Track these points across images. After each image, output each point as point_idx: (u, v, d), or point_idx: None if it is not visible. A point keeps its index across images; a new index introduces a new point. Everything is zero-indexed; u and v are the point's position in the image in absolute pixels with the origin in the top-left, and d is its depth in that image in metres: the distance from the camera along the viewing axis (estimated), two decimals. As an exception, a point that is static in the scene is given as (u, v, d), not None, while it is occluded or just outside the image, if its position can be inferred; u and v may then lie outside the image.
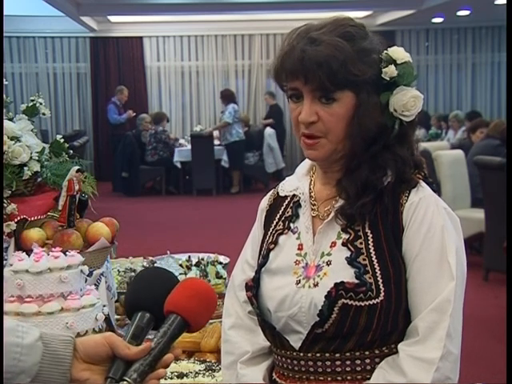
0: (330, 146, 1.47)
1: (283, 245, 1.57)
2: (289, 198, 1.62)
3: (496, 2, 10.99)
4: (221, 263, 2.85)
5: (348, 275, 1.44)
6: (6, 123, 2.27)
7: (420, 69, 14.82)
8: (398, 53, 1.48)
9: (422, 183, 1.50)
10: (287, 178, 1.67)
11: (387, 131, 1.48)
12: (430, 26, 14.43)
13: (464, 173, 7.06)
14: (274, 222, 1.62)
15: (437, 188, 1.56)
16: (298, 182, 1.61)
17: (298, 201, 1.59)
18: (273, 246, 1.58)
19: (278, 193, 1.66)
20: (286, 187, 1.64)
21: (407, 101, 1.46)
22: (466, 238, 1.52)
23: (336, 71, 1.40)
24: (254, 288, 1.54)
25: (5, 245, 2.14)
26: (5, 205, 2.15)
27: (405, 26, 14.07)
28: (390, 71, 1.46)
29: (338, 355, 1.46)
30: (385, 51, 1.48)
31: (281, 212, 1.62)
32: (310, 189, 1.58)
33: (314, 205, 1.56)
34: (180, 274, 2.77)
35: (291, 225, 1.58)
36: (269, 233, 1.62)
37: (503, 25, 12.27)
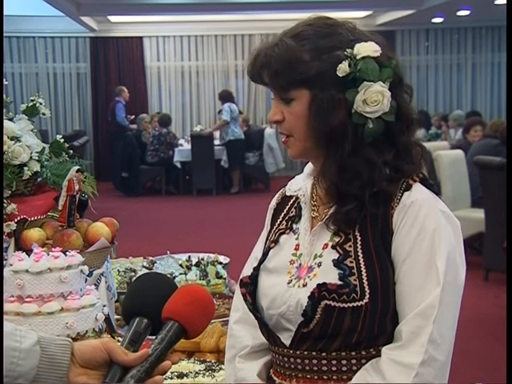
0: (299, 144, 1.50)
1: (283, 244, 1.57)
2: (294, 198, 1.63)
3: (496, 2, 10.99)
4: (221, 263, 2.85)
5: (334, 277, 1.44)
6: (6, 123, 2.27)
7: (420, 69, 14.85)
8: (360, 48, 1.44)
9: (418, 185, 1.48)
10: (296, 177, 1.68)
11: (357, 131, 1.44)
12: (430, 26, 14.43)
13: (464, 173, 7.07)
14: (278, 221, 1.63)
15: (437, 188, 1.54)
16: (302, 182, 1.62)
17: (301, 201, 1.59)
18: (273, 244, 1.59)
19: (285, 192, 1.67)
20: (292, 187, 1.65)
21: (367, 96, 1.42)
22: (465, 238, 1.51)
23: (276, 71, 1.44)
24: (250, 285, 1.56)
25: (5, 245, 2.14)
26: (5, 205, 2.15)
27: (405, 26, 14.07)
28: (343, 68, 1.42)
29: (324, 354, 1.46)
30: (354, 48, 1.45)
31: (285, 211, 1.63)
32: (312, 189, 1.59)
33: (314, 205, 1.56)
34: (180, 273, 2.78)
35: (293, 225, 1.58)
36: (272, 231, 1.63)
37: (503, 25, 12.28)
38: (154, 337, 1.22)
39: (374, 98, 1.42)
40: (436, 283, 1.40)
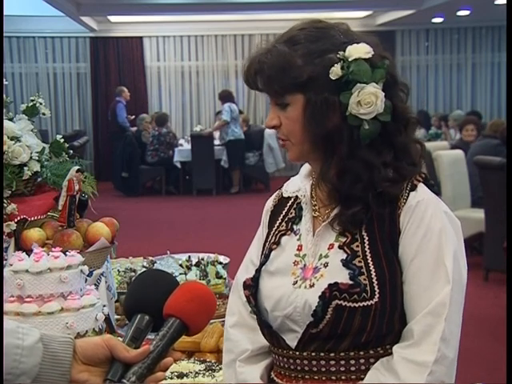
0: (296, 148, 1.51)
1: (285, 245, 1.57)
2: (292, 199, 1.63)
3: (496, 2, 10.99)
4: (221, 263, 2.85)
5: (343, 277, 1.44)
6: (6, 123, 2.27)
7: (420, 69, 14.86)
8: (351, 50, 1.43)
9: (422, 186, 1.49)
10: (292, 179, 1.67)
11: (353, 133, 1.44)
12: (430, 26, 14.43)
13: (464, 173, 7.07)
14: (277, 223, 1.62)
15: (437, 188, 1.54)
16: (300, 183, 1.61)
17: (301, 202, 1.59)
18: (275, 246, 1.58)
19: (282, 193, 1.67)
20: (290, 188, 1.64)
21: (362, 98, 1.42)
22: (466, 238, 1.51)
23: (269, 77, 1.45)
24: (252, 287, 1.55)
25: (5, 245, 2.14)
26: (5, 205, 2.15)
27: (405, 26, 14.07)
28: (335, 71, 1.42)
29: (332, 355, 1.46)
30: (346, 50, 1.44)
31: (284, 213, 1.63)
32: (311, 190, 1.58)
33: (315, 205, 1.56)
34: (180, 273, 2.77)
35: (294, 226, 1.58)
36: (272, 233, 1.62)
37: (503, 25, 12.27)
38: (155, 333, 1.22)
39: (367, 100, 1.42)
40: (445, 282, 1.41)
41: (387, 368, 1.42)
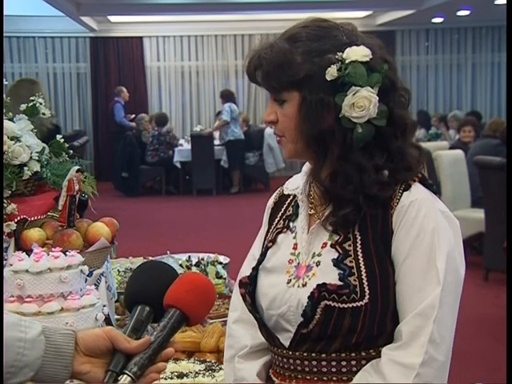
0: (291, 146, 1.51)
1: (281, 243, 1.57)
2: (291, 197, 1.63)
3: (496, 2, 10.99)
4: (221, 263, 2.85)
5: (333, 277, 1.43)
6: (6, 123, 2.27)
7: (420, 69, 14.87)
8: (350, 52, 1.42)
9: (417, 185, 1.47)
10: (294, 176, 1.67)
11: (346, 135, 1.43)
12: (430, 26, 14.44)
13: (464, 173, 7.07)
14: (276, 220, 1.63)
15: (437, 188, 1.53)
16: (300, 181, 1.61)
17: (298, 200, 1.59)
18: (271, 244, 1.59)
19: (283, 191, 1.67)
20: (290, 185, 1.65)
21: (355, 101, 1.41)
22: (466, 238, 1.51)
23: (267, 72, 1.46)
24: (249, 285, 1.56)
25: (5, 245, 2.14)
26: (5, 205, 2.15)
27: (405, 26, 14.08)
28: (331, 71, 1.42)
29: (323, 355, 1.46)
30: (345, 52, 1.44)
31: (283, 210, 1.63)
32: (309, 187, 1.58)
33: (311, 203, 1.56)
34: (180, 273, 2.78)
35: (291, 224, 1.58)
36: (270, 230, 1.63)
37: (503, 25, 12.28)
38: (156, 324, 1.24)
39: (360, 104, 1.41)
40: (436, 283, 1.40)
41: (376, 369, 1.42)
